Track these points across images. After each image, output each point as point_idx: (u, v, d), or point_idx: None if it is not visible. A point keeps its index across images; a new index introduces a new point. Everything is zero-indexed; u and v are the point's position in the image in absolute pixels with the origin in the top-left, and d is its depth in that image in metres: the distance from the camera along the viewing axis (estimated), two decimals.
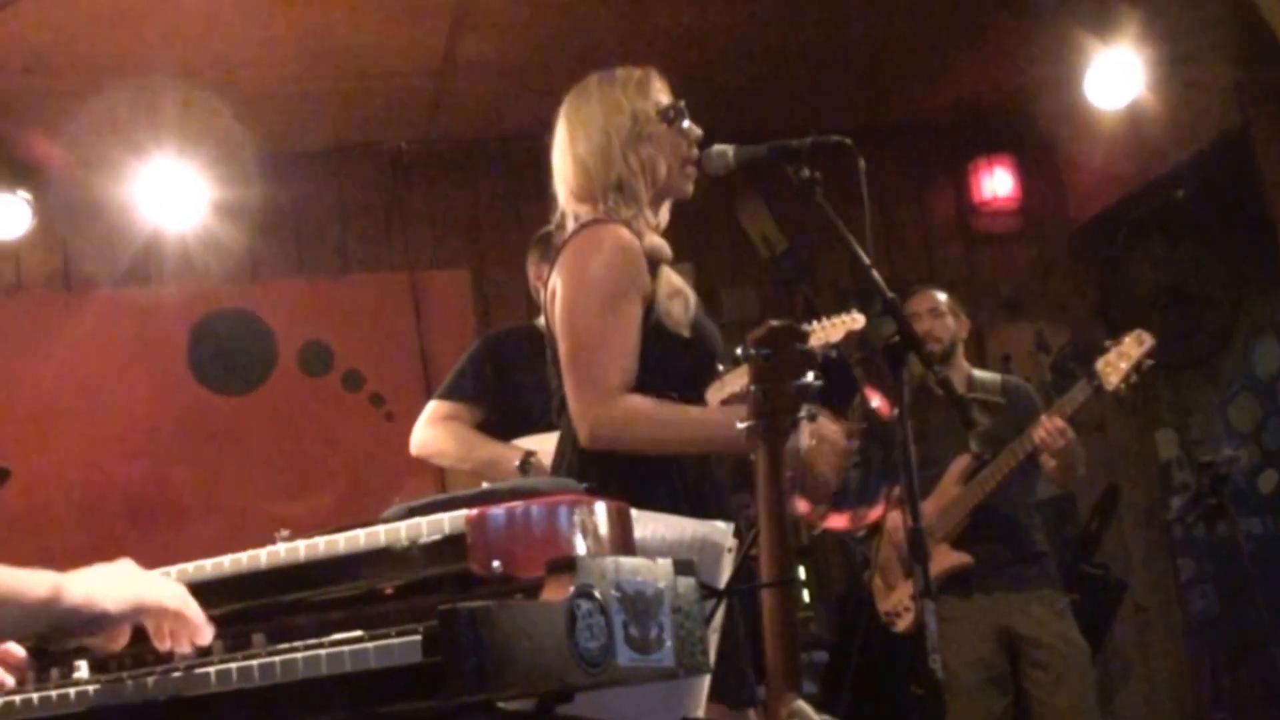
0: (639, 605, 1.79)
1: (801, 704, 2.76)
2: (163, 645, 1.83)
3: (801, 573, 5.95)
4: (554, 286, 3.18)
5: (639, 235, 3.16)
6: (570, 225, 3.23)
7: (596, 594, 1.73)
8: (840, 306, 4.48)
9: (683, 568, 1.90)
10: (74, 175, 6.39)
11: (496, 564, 1.76)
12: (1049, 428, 4.93)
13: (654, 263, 3.15)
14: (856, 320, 4.42)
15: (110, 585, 1.77)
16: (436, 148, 6.90)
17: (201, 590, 1.91)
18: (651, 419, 3.04)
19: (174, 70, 5.74)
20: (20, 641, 1.95)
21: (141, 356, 6.57)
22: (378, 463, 6.38)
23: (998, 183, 7.30)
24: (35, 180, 6.32)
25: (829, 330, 4.46)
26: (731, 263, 7.08)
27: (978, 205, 7.37)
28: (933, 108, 7.04)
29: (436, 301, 6.86)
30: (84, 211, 6.52)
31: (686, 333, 3.14)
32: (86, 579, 1.77)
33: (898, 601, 5.16)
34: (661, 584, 1.84)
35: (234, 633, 1.88)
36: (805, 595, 5.67)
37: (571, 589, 1.70)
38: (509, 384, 4.51)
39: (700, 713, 2.45)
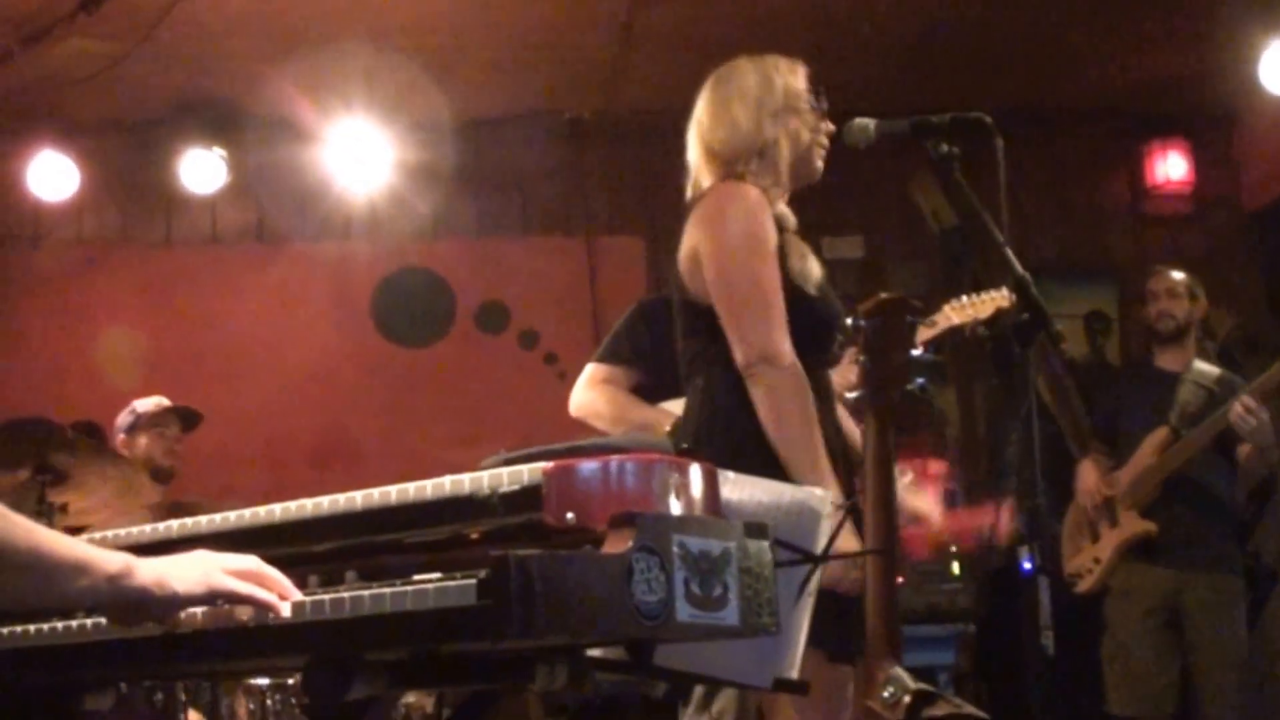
0: (703, 564, 1.82)
1: (899, 671, 2.81)
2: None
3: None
4: (694, 246, 3.23)
5: (770, 202, 3.23)
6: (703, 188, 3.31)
7: (657, 550, 1.76)
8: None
9: (754, 530, 1.91)
10: (268, 135, 6.68)
11: (570, 516, 1.81)
12: (1239, 407, 4.93)
13: (780, 228, 3.22)
14: (1006, 298, 4.40)
15: (182, 569, 1.83)
16: (615, 116, 7.00)
17: (302, 528, 2.02)
18: (804, 404, 3.07)
19: (363, 36, 5.94)
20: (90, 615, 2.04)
21: (328, 309, 6.89)
22: (548, 419, 6.44)
23: (1171, 166, 7.22)
24: (231, 138, 6.62)
25: (977, 307, 4.45)
26: (902, 237, 7.05)
27: (1150, 189, 7.30)
28: (1107, 90, 6.92)
29: (611, 267, 7.01)
30: (277, 169, 6.82)
31: (813, 290, 3.19)
32: (159, 562, 1.84)
33: (1081, 564, 5.18)
34: (730, 544, 1.86)
35: (330, 570, 1.97)
36: (955, 567, 5.64)
37: (631, 543, 1.74)
38: (663, 349, 4.56)
39: (794, 674, 2.50)
